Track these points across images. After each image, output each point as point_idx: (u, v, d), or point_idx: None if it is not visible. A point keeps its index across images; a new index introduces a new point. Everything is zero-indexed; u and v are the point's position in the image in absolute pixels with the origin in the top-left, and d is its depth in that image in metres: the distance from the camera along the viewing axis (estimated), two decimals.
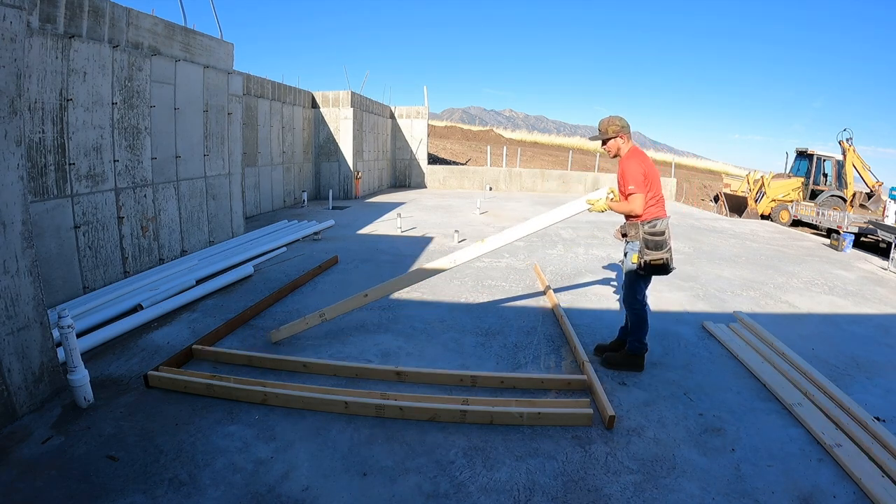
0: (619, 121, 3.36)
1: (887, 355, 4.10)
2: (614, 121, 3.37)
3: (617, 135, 3.35)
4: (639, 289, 3.44)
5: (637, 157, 3.35)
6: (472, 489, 2.35)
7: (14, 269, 2.71)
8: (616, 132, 3.35)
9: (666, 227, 3.33)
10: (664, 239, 3.30)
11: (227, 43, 7.15)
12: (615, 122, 3.36)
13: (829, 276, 6.85)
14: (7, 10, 2.55)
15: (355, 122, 13.62)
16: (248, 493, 2.28)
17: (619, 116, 3.38)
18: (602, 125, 3.41)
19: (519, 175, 18.00)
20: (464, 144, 29.68)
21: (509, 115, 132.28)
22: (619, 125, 3.34)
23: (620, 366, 3.52)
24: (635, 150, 3.44)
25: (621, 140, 3.37)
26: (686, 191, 21.43)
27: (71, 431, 2.68)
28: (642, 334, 3.48)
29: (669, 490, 2.38)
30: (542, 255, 7.29)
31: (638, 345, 3.51)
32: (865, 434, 2.77)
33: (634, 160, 3.32)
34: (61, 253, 4.52)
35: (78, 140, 4.63)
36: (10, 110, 2.63)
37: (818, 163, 15.36)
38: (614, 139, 3.37)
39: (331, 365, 3.42)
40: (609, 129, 3.36)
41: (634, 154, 3.39)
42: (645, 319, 3.43)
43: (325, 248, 7.38)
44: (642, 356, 3.55)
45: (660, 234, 3.29)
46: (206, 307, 4.71)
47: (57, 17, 4.32)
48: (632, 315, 3.45)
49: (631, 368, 3.53)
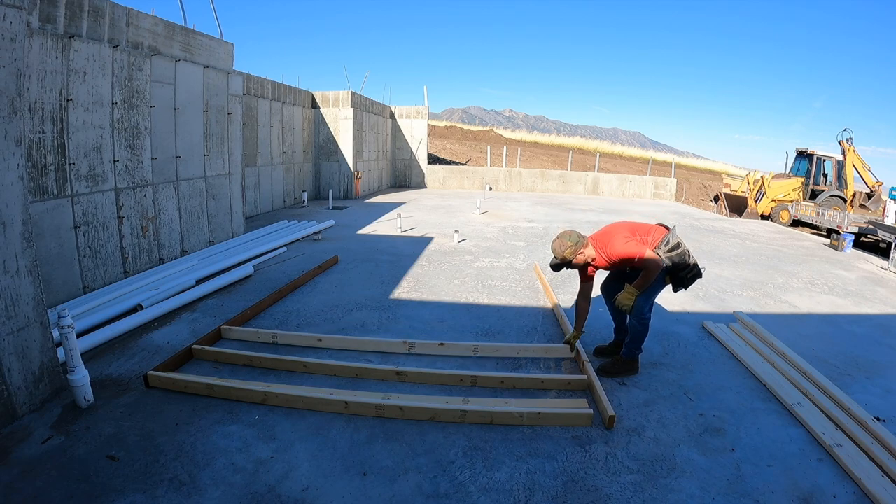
0: (568, 238, 3.24)
1: (887, 355, 4.10)
2: (566, 242, 3.23)
3: (576, 252, 3.25)
4: (654, 299, 3.43)
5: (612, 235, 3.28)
6: (472, 489, 2.35)
7: (14, 269, 2.71)
8: (574, 252, 3.24)
9: (677, 238, 3.31)
10: (684, 249, 3.29)
11: (227, 43, 7.15)
12: (567, 243, 3.23)
13: (829, 276, 6.85)
14: (7, 10, 2.55)
15: (355, 122, 13.62)
16: (248, 493, 2.28)
17: (565, 234, 3.27)
18: (557, 253, 3.27)
19: (519, 175, 18.01)
20: (464, 144, 29.68)
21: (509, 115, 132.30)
22: (573, 243, 3.23)
23: (617, 373, 3.50)
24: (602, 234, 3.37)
25: (581, 252, 3.27)
26: (686, 191, 21.44)
27: (71, 431, 2.68)
28: (642, 342, 3.48)
29: (669, 490, 2.38)
30: (543, 255, 7.29)
31: (636, 351, 3.51)
32: (865, 434, 2.78)
33: (614, 237, 3.25)
34: (61, 253, 4.52)
35: (78, 140, 4.63)
36: (10, 110, 2.63)
37: (818, 163, 15.36)
38: (576, 257, 3.27)
39: (331, 365, 3.42)
40: (566, 253, 3.23)
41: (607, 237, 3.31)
42: (648, 329, 3.42)
43: (325, 248, 7.39)
44: (637, 360, 3.56)
45: (677, 248, 3.27)
46: (206, 307, 4.71)
47: (57, 17, 4.32)
48: (639, 324, 3.36)
49: (627, 374, 3.52)
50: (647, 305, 3.33)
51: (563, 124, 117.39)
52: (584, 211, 12.80)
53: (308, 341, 3.89)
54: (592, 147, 35.93)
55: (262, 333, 3.94)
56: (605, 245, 3.30)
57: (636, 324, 3.37)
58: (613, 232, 3.33)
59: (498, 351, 3.79)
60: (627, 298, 3.22)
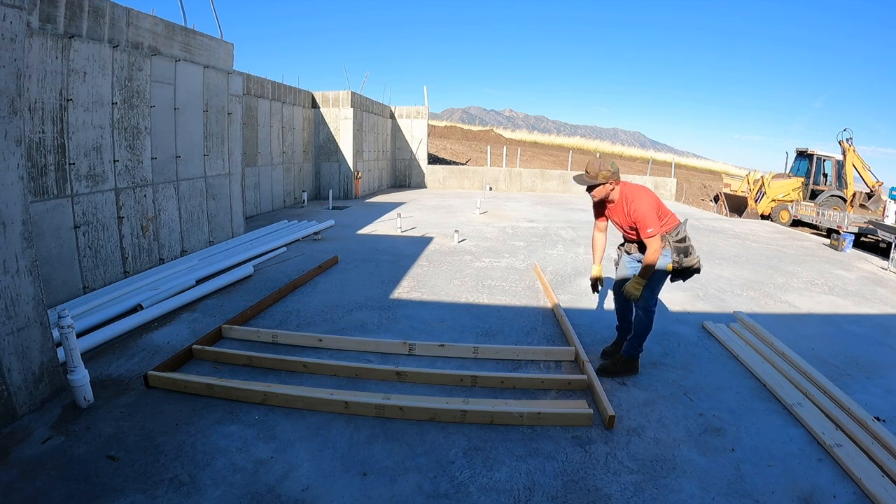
0: (612, 166, 3.19)
1: (887, 355, 4.10)
2: (606, 166, 3.17)
3: (608, 181, 3.19)
4: (658, 292, 3.44)
5: (642, 195, 3.21)
6: (472, 489, 2.35)
7: (14, 269, 2.71)
8: (607, 178, 3.18)
9: (686, 231, 3.35)
10: (690, 244, 3.34)
11: (227, 43, 7.15)
12: (607, 167, 3.17)
13: (829, 276, 6.85)
14: (7, 10, 2.55)
15: (355, 122, 13.62)
16: (248, 493, 2.28)
17: (610, 161, 3.24)
18: (592, 168, 3.19)
19: (519, 175, 18.01)
20: (464, 144, 29.68)
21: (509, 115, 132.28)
22: (612, 171, 3.18)
23: (617, 373, 3.50)
24: (634, 187, 3.28)
25: (611, 186, 3.22)
26: (686, 191, 21.44)
27: (71, 431, 2.68)
28: (645, 338, 3.48)
29: (669, 490, 2.38)
30: (542, 255, 7.29)
31: (639, 349, 3.51)
32: (865, 434, 2.78)
33: (643, 199, 3.18)
34: (61, 253, 4.52)
35: (78, 140, 4.63)
36: (10, 110, 2.63)
37: (818, 163, 15.36)
38: (604, 185, 3.21)
39: (331, 365, 3.42)
40: (600, 175, 3.17)
41: (637, 193, 3.23)
42: (652, 323, 3.43)
43: (325, 248, 7.39)
44: (638, 360, 3.56)
45: (683, 241, 3.31)
46: (206, 307, 4.71)
47: (57, 17, 4.32)
48: (645, 315, 3.37)
49: (627, 373, 3.52)
50: (653, 297, 3.36)
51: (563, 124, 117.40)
52: (584, 211, 12.80)
53: (308, 341, 3.89)
54: (592, 147, 35.96)
55: (263, 333, 3.94)
56: (632, 199, 3.22)
57: (642, 315, 3.39)
58: (644, 195, 3.24)
59: (498, 353, 3.78)
60: (635, 287, 3.24)
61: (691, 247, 3.34)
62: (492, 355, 3.77)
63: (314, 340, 3.89)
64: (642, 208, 3.17)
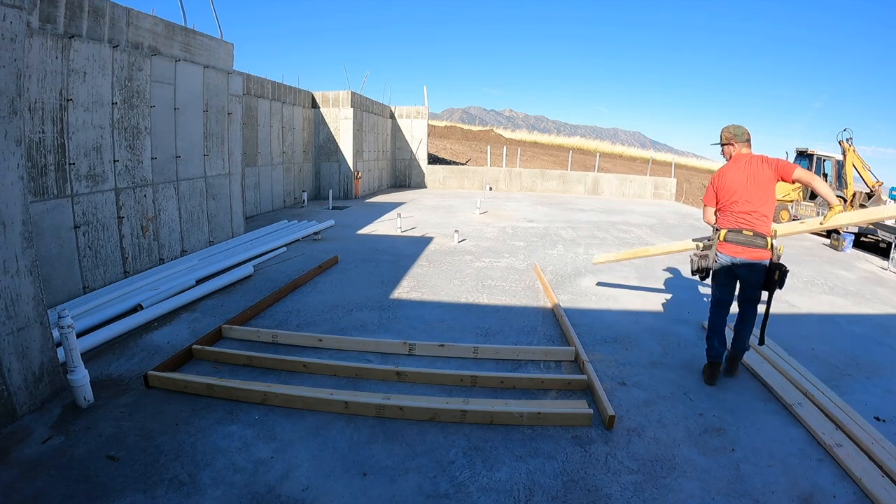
0: (734, 129, 3.36)
1: (887, 355, 4.10)
2: (728, 128, 3.40)
3: (728, 142, 3.38)
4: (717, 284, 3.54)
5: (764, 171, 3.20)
6: (472, 489, 2.35)
7: (14, 269, 2.71)
8: (728, 139, 3.37)
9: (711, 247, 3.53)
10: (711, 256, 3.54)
11: (227, 43, 7.15)
12: (728, 129, 3.39)
13: (829, 275, 6.85)
14: (7, 10, 2.55)
15: (355, 122, 13.62)
16: (248, 493, 2.28)
17: (735, 125, 3.38)
18: (724, 131, 3.42)
19: (519, 175, 18.01)
20: (464, 144, 29.68)
21: (509, 115, 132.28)
22: (736, 133, 3.35)
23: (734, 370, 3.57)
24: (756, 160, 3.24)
25: (732, 146, 3.37)
26: (686, 191, 21.42)
27: (71, 431, 2.68)
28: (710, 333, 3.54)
29: (669, 490, 2.38)
30: (543, 255, 7.29)
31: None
32: (865, 434, 2.77)
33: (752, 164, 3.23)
34: (61, 253, 4.52)
35: (78, 140, 4.63)
36: (10, 110, 2.63)
37: (818, 163, 15.34)
38: (726, 146, 3.40)
39: (331, 365, 3.42)
40: (722, 136, 3.42)
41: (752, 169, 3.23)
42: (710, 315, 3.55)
43: (325, 248, 7.39)
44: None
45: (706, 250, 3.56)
46: (206, 307, 4.71)
47: (57, 17, 4.32)
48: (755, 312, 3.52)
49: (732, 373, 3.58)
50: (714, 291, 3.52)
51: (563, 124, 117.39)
52: (584, 211, 12.80)
53: (308, 341, 3.89)
54: (592, 147, 35.92)
55: (263, 333, 3.94)
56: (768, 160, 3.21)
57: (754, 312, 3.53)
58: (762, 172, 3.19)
59: (498, 353, 3.78)
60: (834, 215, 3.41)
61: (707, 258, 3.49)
62: (492, 355, 3.77)
63: (314, 340, 3.89)
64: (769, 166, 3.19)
